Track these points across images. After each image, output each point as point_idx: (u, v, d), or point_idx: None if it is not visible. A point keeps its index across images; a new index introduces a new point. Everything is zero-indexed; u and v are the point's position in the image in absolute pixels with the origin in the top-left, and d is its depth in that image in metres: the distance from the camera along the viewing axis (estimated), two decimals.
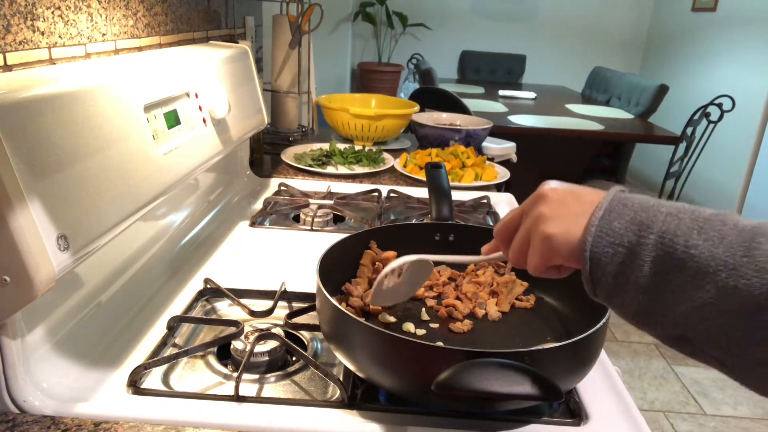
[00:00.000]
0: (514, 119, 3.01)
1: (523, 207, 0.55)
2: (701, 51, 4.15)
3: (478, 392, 0.54)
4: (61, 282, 0.61)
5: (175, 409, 0.65)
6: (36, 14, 0.77)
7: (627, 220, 0.46)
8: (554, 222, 0.51)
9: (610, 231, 0.47)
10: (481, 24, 5.05)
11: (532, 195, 0.54)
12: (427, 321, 0.80)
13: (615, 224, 0.47)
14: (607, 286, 0.47)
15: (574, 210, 0.50)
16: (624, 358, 2.60)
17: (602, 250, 0.47)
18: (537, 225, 0.52)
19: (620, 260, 0.46)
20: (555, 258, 0.51)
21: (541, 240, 0.51)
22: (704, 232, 0.44)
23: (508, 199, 1.43)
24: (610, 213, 0.47)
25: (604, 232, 0.47)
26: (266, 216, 1.24)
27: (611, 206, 0.48)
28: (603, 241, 0.47)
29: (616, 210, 0.47)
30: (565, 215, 0.50)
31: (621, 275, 0.46)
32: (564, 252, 0.50)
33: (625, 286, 0.46)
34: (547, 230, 0.51)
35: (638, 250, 0.45)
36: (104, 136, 0.70)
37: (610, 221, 0.47)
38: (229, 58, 1.18)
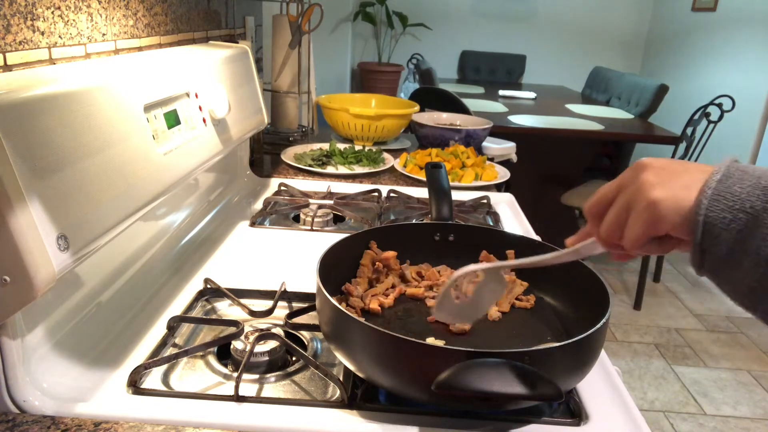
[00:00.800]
0: (514, 119, 3.01)
1: (619, 180, 0.50)
2: (701, 51, 4.15)
3: (478, 392, 0.54)
4: (61, 282, 0.61)
5: (175, 409, 0.65)
6: (36, 14, 0.77)
7: (750, 185, 0.42)
8: (661, 187, 0.46)
9: (729, 195, 0.42)
10: (481, 24, 5.05)
11: (629, 168, 0.49)
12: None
13: (736, 188, 0.43)
14: (719, 257, 0.43)
15: (683, 177, 0.46)
16: (624, 358, 2.60)
17: (719, 215, 0.42)
18: (641, 192, 0.47)
19: (740, 227, 0.42)
20: (661, 226, 0.46)
21: (646, 206, 0.46)
22: None
23: (508, 199, 1.43)
24: (729, 177, 0.43)
25: (722, 195, 0.43)
26: (266, 216, 1.24)
27: (729, 171, 0.44)
28: (720, 205, 0.43)
29: (735, 175, 0.43)
30: (674, 181, 0.46)
31: (738, 244, 0.42)
32: (672, 218, 0.45)
33: (741, 257, 0.42)
34: (654, 195, 0.46)
35: (764, 217, 0.41)
36: (104, 136, 0.70)
37: (729, 185, 0.43)
38: (229, 58, 1.18)
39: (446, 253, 0.92)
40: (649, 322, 2.90)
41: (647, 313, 2.99)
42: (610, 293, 0.71)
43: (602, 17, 5.01)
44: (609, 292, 0.71)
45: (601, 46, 5.07)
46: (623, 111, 3.56)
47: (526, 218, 1.31)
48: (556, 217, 3.15)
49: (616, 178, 0.51)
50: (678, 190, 0.45)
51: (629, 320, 2.91)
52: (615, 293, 3.16)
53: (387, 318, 0.81)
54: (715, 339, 2.79)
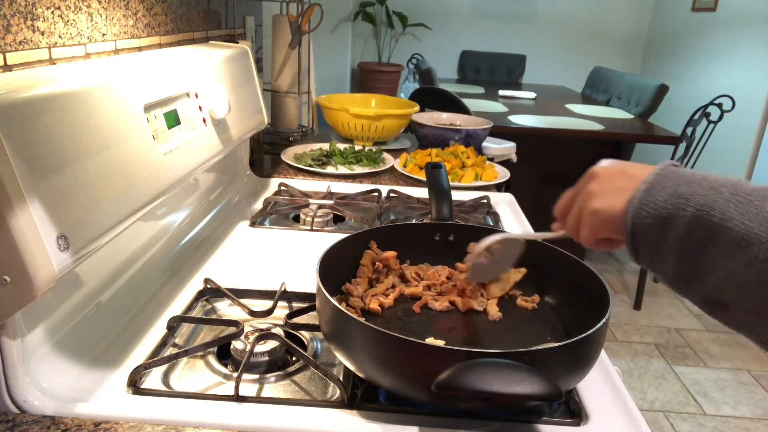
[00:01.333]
0: (514, 119, 3.01)
1: (576, 187, 0.60)
2: (701, 51, 4.15)
3: (478, 392, 0.54)
4: (61, 282, 0.61)
5: (175, 409, 0.65)
6: (36, 14, 0.77)
7: (669, 193, 0.49)
8: (601, 197, 0.55)
9: (652, 203, 0.50)
10: (481, 24, 5.05)
11: (584, 176, 0.58)
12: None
13: (657, 197, 0.50)
14: (647, 254, 0.51)
15: (620, 185, 0.54)
16: (624, 358, 2.60)
17: (642, 221, 0.50)
18: (586, 201, 0.56)
19: (658, 230, 0.49)
20: (601, 231, 0.55)
21: (589, 215, 0.56)
22: (741, 206, 0.46)
23: (508, 199, 1.43)
24: (654, 186, 0.50)
25: (645, 203, 0.50)
26: (266, 216, 1.24)
27: (657, 179, 0.51)
28: (643, 212, 0.50)
29: (660, 183, 0.50)
30: (612, 190, 0.54)
31: (659, 244, 0.49)
32: (609, 225, 0.54)
33: (664, 254, 0.49)
34: (594, 205, 0.55)
35: (675, 221, 0.48)
36: (104, 136, 0.70)
37: (653, 194, 0.50)
38: (229, 58, 1.18)
39: (446, 253, 0.92)
40: (649, 322, 2.90)
41: (647, 313, 2.99)
42: (610, 293, 0.71)
43: (602, 17, 5.01)
44: (609, 292, 0.71)
45: (601, 46, 5.07)
46: (623, 111, 3.56)
47: (526, 218, 1.31)
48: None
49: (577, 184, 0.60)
50: (615, 198, 0.53)
51: (629, 320, 2.91)
52: (615, 293, 3.16)
53: (387, 318, 0.81)
54: (715, 339, 2.79)
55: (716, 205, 0.47)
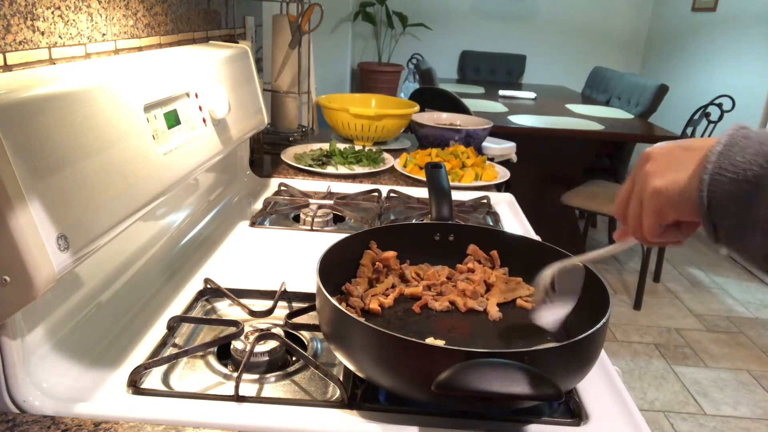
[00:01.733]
0: (514, 119, 3.01)
1: (632, 175, 0.51)
2: (701, 51, 4.15)
3: (478, 392, 0.54)
4: (61, 282, 0.61)
5: (175, 409, 0.65)
6: (36, 14, 0.77)
7: (752, 153, 0.42)
8: (660, 175, 0.47)
9: (731, 166, 0.42)
10: (481, 24, 5.05)
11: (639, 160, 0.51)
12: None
13: (738, 158, 0.42)
14: (731, 228, 0.43)
15: (681, 158, 0.46)
16: (624, 358, 2.60)
17: (722, 188, 0.42)
18: (645, 184, 0.48)
19: (744, 196, 0.41)
20: (667, 212, 0.47)
21: (651, 197, 0.47)
22: None
23: (508, 199, 1.43)
24: (731, 147, 0.43)
25: (724, 168, 0.42)
26: (266, 216, 1.24)
27: (732, 140, 0.43)
28: (723, 178, 0.42)
29: (738, 144, 0.43)
30: (673, 165, 0.46)
31: (747, 212, 0.42)
32: (676, 202, 0.46)
33: (753, 224, 0.42)
34: (654, 184, 0.47)
35: (766, 182, 0.40)
36: (104, 136, 0.70)
37: (731, 156, 0.42)
38: (229, 58, 1.18)
39: (446, 253, 0.92)
40: (649, 322, 2.90)
41: (647, 313, 2.99)
42: (610, 293, 0.71)
43: (602, 17, 5.01)
44: (609, 292, 0.71)
45: (601, 46, 5.07)
46: (623, 111, 3.56)
47: (526, 218, 1.31)
48: (556, 217, 3.15)
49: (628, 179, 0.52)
50: (678, 172, 0.45)
51: (629, 320, 2.91)
52: (615, 293, 3.16)
53: (387, 318, 0.81)
54: (715, 339, 2.79)
55: None
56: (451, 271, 0.90)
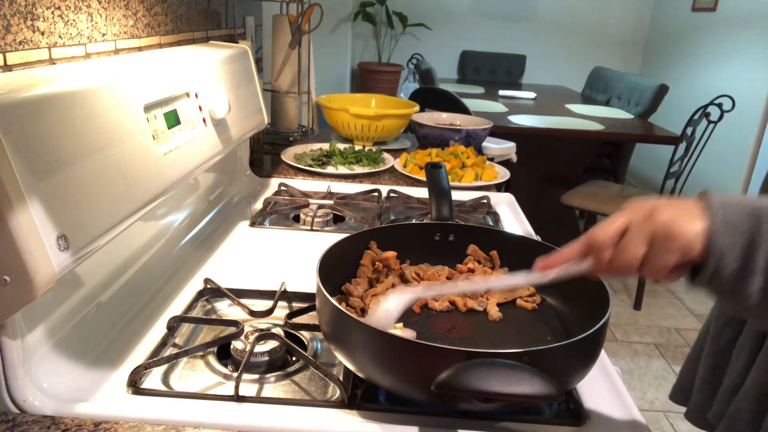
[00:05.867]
0: (514, 119, 3.01)
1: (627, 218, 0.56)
2: (701, 51, 4.15)
3: (478, 392, 0.54)
4: (61, 282, 0.61)
5: (175, 409, 0.65)
6: (36, 14, 0.77)
7: (739, 211, 0.51)
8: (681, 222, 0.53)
9: (729, 223, 0.51)
10: (481, 24, 5.05)
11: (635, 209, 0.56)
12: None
13: (730, 216, 0.51)
14: (725, 275, 0.51)
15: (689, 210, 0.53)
16: (624, 358, 2.60)
17: (726, 241, 0.51)
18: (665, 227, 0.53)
19: (741, 249, 0.50)
20: (689, 254, 0.53)
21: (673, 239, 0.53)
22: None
23: (508, 199, 1.43)
24: (723, 208, 0.52)
25: (726, 223, 0.51)
26: (266, 216, 1.24)
27: (720, 203, 0.52)
28: (724, 233, 0.51)
29: (726, 205, 0.52)
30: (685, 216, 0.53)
31: (742, 262, 0.50)
32: (697, 247, 0.52)
33: (743, 272, 0.50)
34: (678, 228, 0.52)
35: (756, 238, 0.50)
36: (104, 136, 0.70)
37: (725, 215, 0.51)
38: (229, 58, 1.18)
39: (446, 253, 0.92)
40: (649, 322, 2.90)
41: (647, 313, 2.99)
42: (610, 293, 0.71)
43: (602, 17, 5.01)
44: (609, 292, 0.71)
45: (601, 46, 5.07)
46: (623, 111, 3.56)
47: (526, 218, 1.31)
48: (556, 217, 3.15)
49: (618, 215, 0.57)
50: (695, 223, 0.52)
51: (629, 320, 2.91)
52: (615, 293, 3.16)
53: None
54: None
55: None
56: (451, 271, 0.90)
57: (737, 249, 0.50)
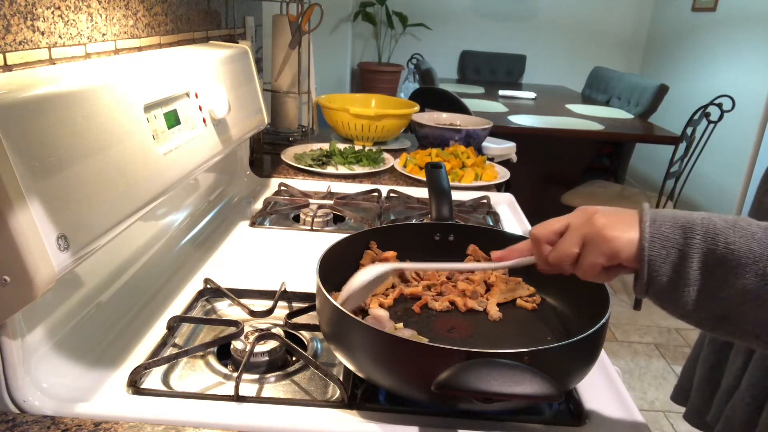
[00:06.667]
0: (514, 119, 3.01)
1: (567, 219, 0.61)
2: (701, 51, 4.15)
3: (478, 392, 0.54)
4: (61, 282, 0.61)
5: (175, 409, 0.65)
6: (36, 14, 0.77)
7: (671, 225, 0.54)
8: (615, 228, 0.56)
9: (661, 235, 0.54)
10: (481, 24, 5.05)
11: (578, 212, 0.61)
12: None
13: (663, 229, 0.54)
14: (661, 284, 0.54)
15: (626, 218, 0.57)
16: (624, 358, 2.60)
17: (657, 253, 0.54)
18: (598, 230, 0.57)
19: (672, 260, 0.53)
20: (616, 259, 0.56)
21: (603, 241, 0.57)
22: (738, 231, 0.51)
23: (508, 199, 1.43)
24: (654, 221, 0.54)
25: (656, 236, 0.54)
26: (266, 216, 1.24)
27: (654, 216, 0.55)
28: (656, 244, 0.54)
29: (659, 218, 0.55)
30: (621, 222, 0.57)
31: (674, 273, 0.53)
32: (626, 253, 0.55)
33: (677, 282, 0.53)
34: (609, 233, 0.56)
35: (687, 250, 0.53)
36: (104, 136, 0.70)
37: (658, 227, 0.54)
38: (229, 58, 1.18)
39: (446, 253, 0.92)
40: (649, 322, 2.90)
41: (647, 313, 2.99)
42: (610, 293, 0.71)
43: (602, 17, 5.01)
44: (609, 292, 0.71)
45: (601, 46, 5.07)
46: (623, 111, 3.56)
47: (526, 218, 1.31)
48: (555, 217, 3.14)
49: (564, 216, 0.61)
50: (628, 231, 0.56)
51: (629, 320, 2.91)
52: (615, 293, 3.16)
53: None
54: None
55: (717, 231, 0.52)
56: (451, 271, 0.90)
57: (669, 261, 0.53)
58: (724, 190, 3.66)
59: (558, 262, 0.60)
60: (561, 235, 0.61)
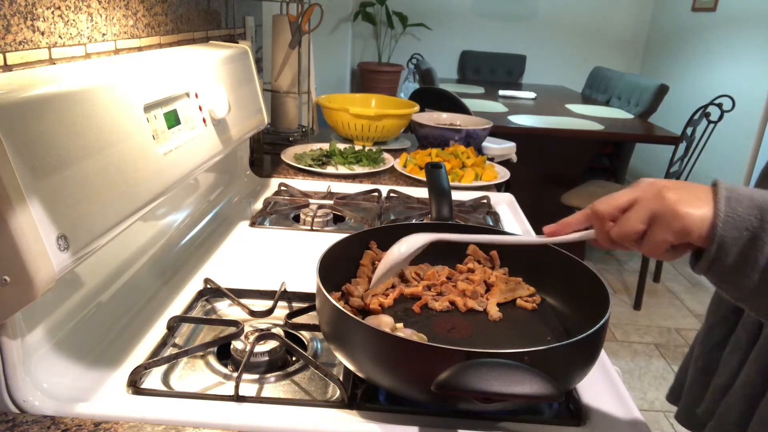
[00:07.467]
0: (514, 119, 3.01)
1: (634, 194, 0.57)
2: (701, 51, 4.15)
3: (478, 392, 0.54)
4: (61, 282, 0.61)
5: (175, 409, 0.65)
6: (36, 14, 0.77)
7: (747, 205, 0.51)
8: (686, 204, 0.53)
9: (736, 216, 0.51)
10: (481, 24, 5.05)
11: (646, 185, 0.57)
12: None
13: (738, 209, 0.51)
14: (726, 265, 0.52)
15: (698, 194, 0.54)
16: (624, 358, 2.60)
17: (729, 234, 0.51)
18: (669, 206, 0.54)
19: (744, 242, 0.51)
20: (690, 236, 0.54)
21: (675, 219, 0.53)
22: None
23: (508, 199, 1.43)
24: (730, 199, 0.52)
25: (730, 216, 0.51)
26: (266, 216, 1.24)
27: (729, 193, 0.52)
28: (730, 225, 0.51)
29: (734, 196, 0.52)
30: (694, 199, 0.54)
31: (741, 256, 0.51)
32: (698, 232, 0.53)
33: (743, 265, 0.51)
34: (682, 209, 0.53)
35: (760, 234, 0.50)
36: (104, 136, 0.70)
37: (734, 207, 0.52)
38: (229, 58, 1.18)
39: (446, 253, 0.92)
40: (649, 322, 2.90)
41: (647, 313, 2.99)
42: (610, 293, 0.71)
43: (602, 17, 5.01)
44: (609, 292, 0.71)
45: (601, 46, 5.07)
46: (623, 111, 3.56)
47: (526, 218, 1.31)
48: (556, 217, 3.13)
49: (628, 190, 0.58)
50: (701, 206, 0.53)
51: (629, 320, 2.91)
52: (615, 293, 3.16)
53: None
54: None
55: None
56: (451, 271, 0.90)
57: (740, 243, 0.51)
58: None
59: (622, 238, 0.58)
60: (625, 211, 0.58)
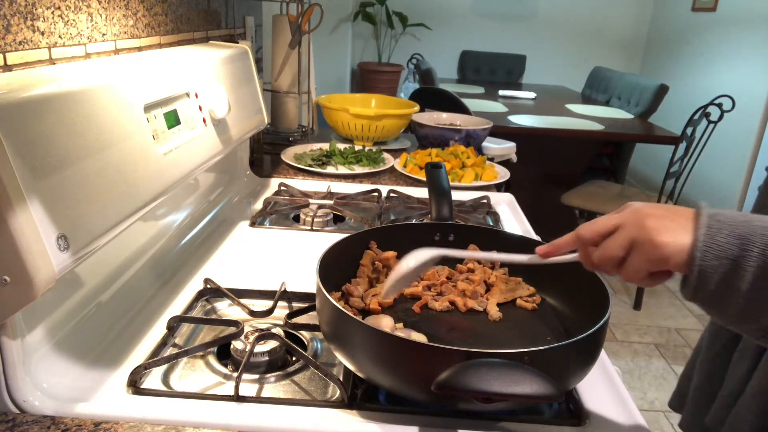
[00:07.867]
0: (514, 119, 3.01)
1: (618, 219, 0.58)
2: (701, 51, 4.15)
3: (478, 392, 0.54)
4: (61, 282, 0.61)
5: (175, 409, 0.65)
6: (36, 14, 0.77)
7: (728, 233, 0.52)
8: (665, 232, 0.54)
9: (715, 245, 0.52)
10: (481, 24, 5.05)
11: (628, 211, 0.58)
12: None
13: (719, 238, 0.52)
14: (708, 293, 0.53)
15: (680, 223, 0.55)
16: (624, 358, 2.60)
17: (708, 263, 0.52)
18: (648, 235, 0.55)
19: (724, 271, 0.51)
20: (665, 266, 0.55)
21: (652, 247, 0.54)
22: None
23: (508, 199, 1.43)
24: (711, 228, 0.52)
25: (709, 246, 0.52)
26: (266, 216, 1.24)
27: (710, 221, 0.53)
28: (709, 255, 0.52)
29: (715, 225, 0.52)
30: (674, 227, 0.54)
31: (723, 283, 0.52)
32: (675, 261, 0.54)
33: (726, 292, 0.52)
34: (661, 239, 0.54)
35: (741, 262, 0.51)
36: (104, 136, 0.70)
37: (713, 236, 0.52)
38: (229, 58, 1.18)
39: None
40: (649, 322, 2.90)
41: (647, 313, 2.99)
42: (610, 293, 0.71)
43: (602, 17, 5.01)
44: (609, 292, 0.71)
45: (601, 46, 5.07)
46: (623, 111, 3.56)
47: (526, 218, 1.31)
48: (556, 217, 3.15)
49: (614, 215, 0.59)
50: (679, 236, 0.54)
51: (629, 320, 2.91)
52: (615, 293, 3.16)
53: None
54: None
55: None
56: (451, 271, 0.90)
57: (720, 272, 0.51)
58: (724, 190, 3.66)
59: (602, 263, 0.59)
60: (607, 236, 0.58)
